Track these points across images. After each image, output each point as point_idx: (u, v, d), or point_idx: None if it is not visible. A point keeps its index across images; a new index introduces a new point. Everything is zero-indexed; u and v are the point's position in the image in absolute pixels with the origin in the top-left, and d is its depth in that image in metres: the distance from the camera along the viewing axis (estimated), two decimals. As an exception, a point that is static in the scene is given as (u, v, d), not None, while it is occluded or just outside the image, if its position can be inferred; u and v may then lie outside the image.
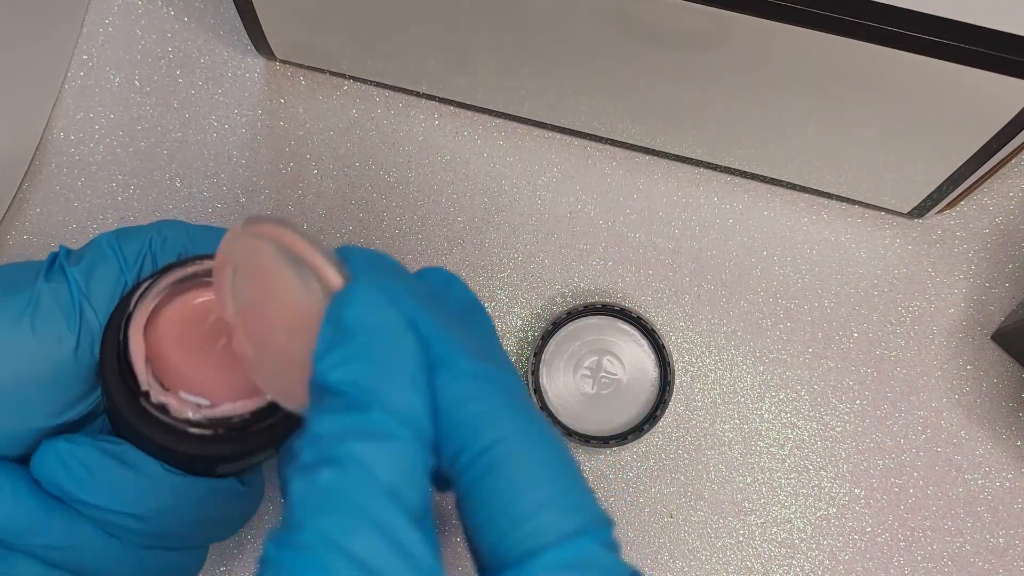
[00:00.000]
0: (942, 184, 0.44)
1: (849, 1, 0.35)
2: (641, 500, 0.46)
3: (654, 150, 0.49)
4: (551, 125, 0.50)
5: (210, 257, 0.31)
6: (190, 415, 0.30)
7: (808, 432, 0.47)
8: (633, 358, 0.46)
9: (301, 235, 0.26)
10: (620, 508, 0.46)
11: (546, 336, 0.46)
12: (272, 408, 0.31)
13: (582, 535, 0.24)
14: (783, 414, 0.47)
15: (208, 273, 0.32)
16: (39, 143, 0.48)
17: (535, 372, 0.45)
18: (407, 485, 0.23)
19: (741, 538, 0.46)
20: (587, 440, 0.45)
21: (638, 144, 0.49)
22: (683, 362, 0.47)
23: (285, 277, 0.25)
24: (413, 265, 0.48)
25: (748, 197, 0.49)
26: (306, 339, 0.24)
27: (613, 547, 0.25)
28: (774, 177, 0.49)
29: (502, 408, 0.25)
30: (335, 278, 0.25)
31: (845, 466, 0.46)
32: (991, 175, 0.43)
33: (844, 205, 0.49)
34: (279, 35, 0.46)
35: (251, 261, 0.27)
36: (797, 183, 0.49)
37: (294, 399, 0.26)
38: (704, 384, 0.47)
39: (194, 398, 0.31)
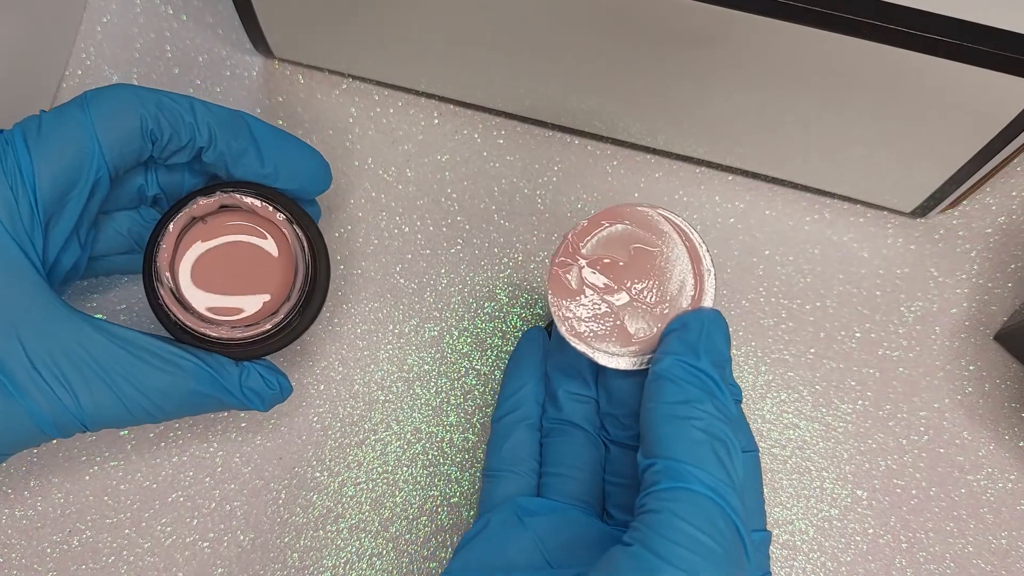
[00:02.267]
0: (945, 183, 0.44)
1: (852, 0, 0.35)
2: (642, 501, 0.46)
3: (655, 149, 0.49)
4: (551, 123, 0.50)
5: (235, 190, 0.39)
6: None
7: (810, 433, 0.46)
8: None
9: (704, 257, 0.37)
10: (620, 509, 0.46)
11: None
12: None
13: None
14: (785, 415, 0.47)
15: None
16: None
17: (535, 372, 0.45)
18: None
19: (742, 539, 0.45)
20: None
21: (639, 143, 0.49)
22: (684, 362, 0.47)
23: (673, 273, 0.37)
24: (413, 264, 0.47)
25: (750, 196, 0.49)
26: (644, 315, 0.37)
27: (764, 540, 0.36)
28: (776, 176, 0.49)
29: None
30: (709, 300, 0.37)
31: (847, 467, 0.46)
32: (994, 174, 0.43)
33: (846, 204, 0.49)
34: (277, 33, 0.46)
35: (651, 241, 0.37)
36: (799, 182, 0.49)
37: (575, 332, 0.37)
38: (705, 384, 0.47)
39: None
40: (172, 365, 0.37)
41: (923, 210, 0.47)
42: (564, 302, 0.38)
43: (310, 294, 0.40)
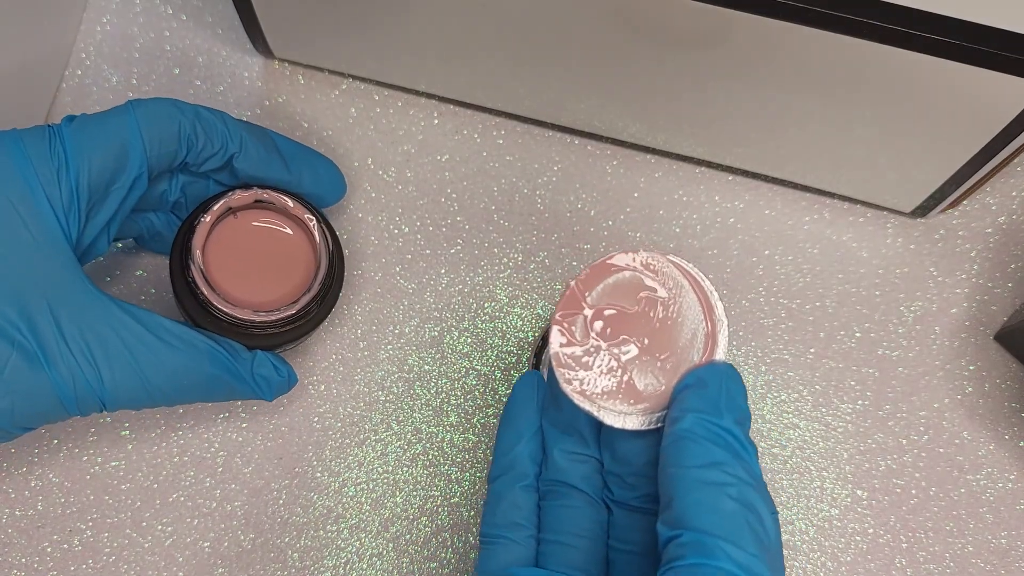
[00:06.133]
0: (944, 183, 0.44)
1: (852, 0, 0.35)
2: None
3: (655, 149, 0.49)
4: (551, 123, 0.50)
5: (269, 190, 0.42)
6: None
7: (810, 432, 0.46)
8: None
9: (717, 306, 0.35)
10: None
11: (546, 336, 0.45)
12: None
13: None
14: (785, 415, 0.47)
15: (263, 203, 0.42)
16: (36, 142, 0.48)
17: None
18: None
19: (742, 539, 0.45)
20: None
21: (639, 143, 0.49)
22: (684, 362, 0.47)
23: (684, 325, 0.35)
24: (413, 265, 0.47)
25: (749, 196, 0.49)
26: (653, 369, 0.34)
27: None
28: (776, 176, 0.49)
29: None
30: (721, 353, 0.34)
31: (847, 467, 0.46)
32: (994, 174, 0.43)
33: (846, 204, 0.49)
34: (277, 33, 0.46)
35: (661, 289, 0.35)
36: (799, 182, 0.49)
37: (577, 386, 0.35)
38: (705, 384, 0.47)
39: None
40: (190, 347, 0.39)
41: (923, 210, 0.47)
42: (567, 356, 0.35)
43: (328, 288, 0.42)
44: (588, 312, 0.35)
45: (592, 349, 0.35)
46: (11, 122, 0.47)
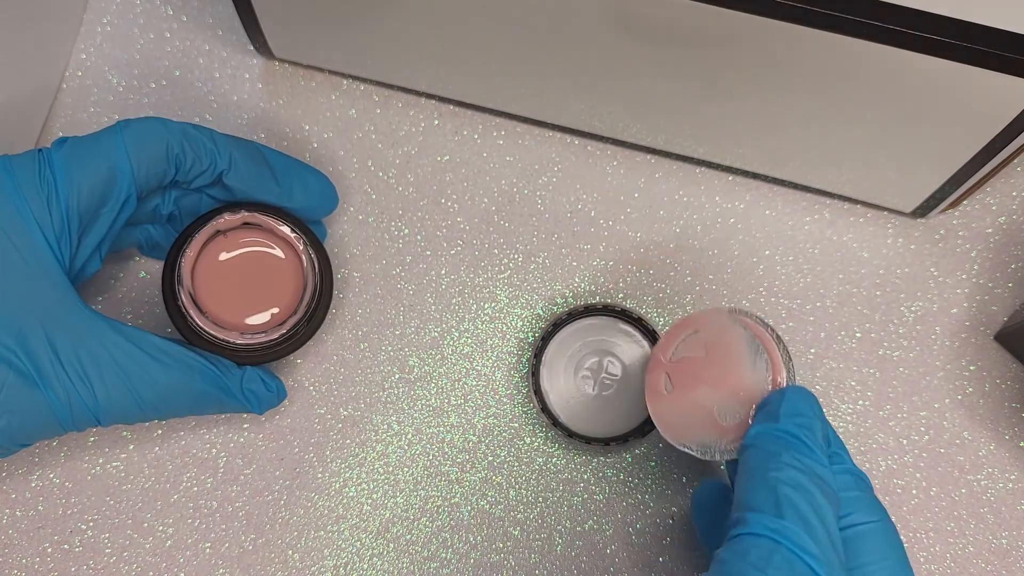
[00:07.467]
0: (945, 183, 0.44)
1: (852, 0, 0.35)
2: (642, 501, 0.46)
3: (655, 149, 0.49)
4: (551, 124, 0.50)
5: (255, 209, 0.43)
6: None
7: (810, 433, 0.46)
8: (634, 359, 0.46)
9: (771, 336, 0.39)
10: (621, 509, 0.45)
11: (546, 337, 0.45)
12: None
13: None
14: (785, 415, 0.47)
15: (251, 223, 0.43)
16: (37, 143, 0.48)
17: (535, 373, 0.45)
18: None
19: (743, 539, 0.45)
20: (588, 441, 0.44)
21: (639, 143, 0.49)
22: (684, 362, 0.47)
23: (743, 356, 0.39)
24: (413, 266, 0.47)
25: (750, 196, 0.49)
26: (732, 403, 0.38)
27: None
28: (776, 176, 0.49)
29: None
30: (782, 379, 0.38)
31: (847, 467, 0.46)
32: (994, 174, 0.43)
33: (846, 204, 0.49)
34: (277, 34, 0.46)
35: (719, 333, 0.40)
36: (799, 182, 0.49)
37: (672, 431, 0.40)
38: (705, 385, 0.47)
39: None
40: (181, 364, 0.39)
41: (923, 210, 0.47)
42: (661, 412, 0.41)
43: (315, 309, 0.42)
44: (668, 366, 0.41)
45: (675, 395, 0.41)
46: (12, 121, 0.47)
